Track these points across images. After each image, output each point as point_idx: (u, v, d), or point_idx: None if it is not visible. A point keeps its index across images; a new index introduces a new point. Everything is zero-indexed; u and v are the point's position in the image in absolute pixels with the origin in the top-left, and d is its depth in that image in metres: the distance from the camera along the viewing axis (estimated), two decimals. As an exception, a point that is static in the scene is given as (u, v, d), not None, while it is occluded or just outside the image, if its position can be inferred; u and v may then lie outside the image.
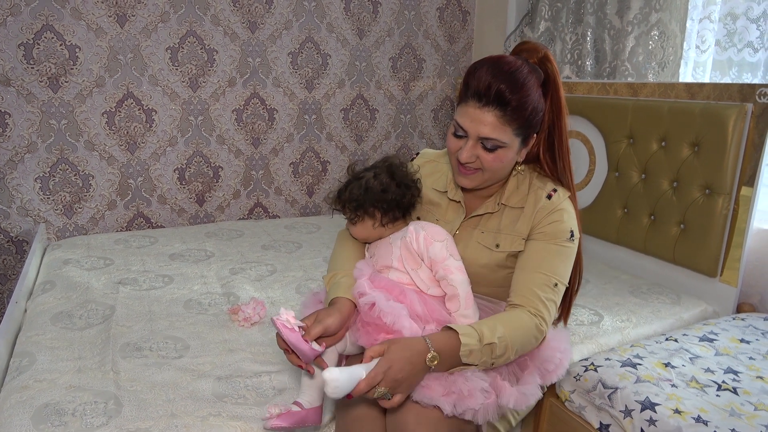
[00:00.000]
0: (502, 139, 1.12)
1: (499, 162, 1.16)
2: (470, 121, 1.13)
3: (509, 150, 1.15)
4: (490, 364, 1.08)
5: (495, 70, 1.10)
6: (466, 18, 3.06)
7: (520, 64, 1.12)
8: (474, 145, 1.14)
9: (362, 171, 1.25)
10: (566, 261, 1.19)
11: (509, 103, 1.09)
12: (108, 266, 1.97)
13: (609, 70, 2.27)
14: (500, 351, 1.07)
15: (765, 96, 1.62)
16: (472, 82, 1.12)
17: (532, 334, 1.12)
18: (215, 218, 2.69)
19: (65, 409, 1.15)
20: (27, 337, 1.46)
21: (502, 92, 1.09)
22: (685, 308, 1.77)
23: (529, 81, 1.11)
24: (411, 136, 3.07)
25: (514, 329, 1.09)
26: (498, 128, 1.11)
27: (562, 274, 1.18)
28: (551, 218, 1.19)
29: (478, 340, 1.05)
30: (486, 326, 1.08)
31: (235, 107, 2.60)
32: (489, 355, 1.06)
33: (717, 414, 1.17)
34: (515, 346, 1.09)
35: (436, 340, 1.04)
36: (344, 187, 1.23)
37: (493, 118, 1.10)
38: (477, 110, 1.11)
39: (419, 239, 1.19)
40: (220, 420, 1.15)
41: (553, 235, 1.18)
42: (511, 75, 1.10)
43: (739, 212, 1.70)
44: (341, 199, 1.23)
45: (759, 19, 1.81)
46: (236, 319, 1.58)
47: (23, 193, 2.28)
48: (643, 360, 1.36)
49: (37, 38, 2.17)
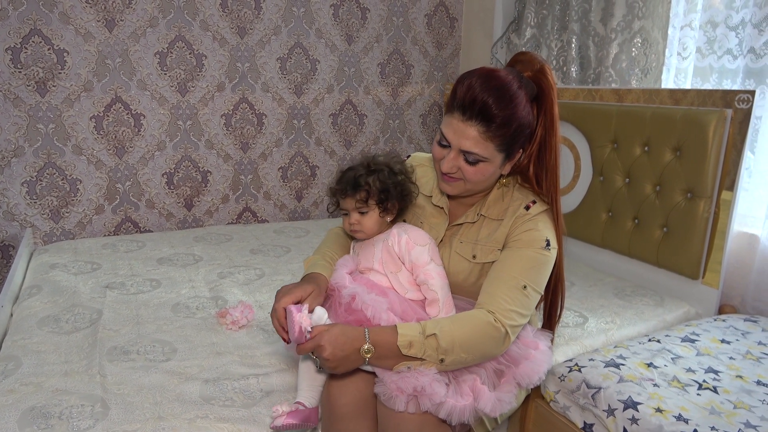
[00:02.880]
0: (483, 155, 1.12)
1: (480, 175, 1.16)
2: (453, 133, 1.13)
3: (490, 164, 1.15)
4: (440, 361, 1.06)
5: (483, 83, 1.09)
6: (454, 24, 3.09)
7: (511, 79, 1.11)
8: (456, 156, 1.15)
9: (372, 161, 1.24)
10: (540, 267, 1.16)
11: (493, 120, 1.08)
12: (95, 270, 1.96)
13: (593, 76, 2.31)
14: (446, 344, 1.05)
15: (744, 102, 1.66)
16: (460, 92, 1.11)
17: (486, 333, 1.09)
18: (204, 223, 2.69)
19: (51, 413, 1.15)
20: (13, 341, 1.45)
21: (488, 107, 1.08)
22: (668, 310, 1.80)
23: (517, 97, 1.10)
24: (399, 141, 3.09)
25: (462, 325, 1.09)
26: (480, 143, 1.11)
27: (534, 279, 1.15)
28: (526, 227, 1.18)
29: (420, 332, 1.06)
30: (431, 321, 1.10)
31: (224, 112, 2.60)
32: (434, 349, 1.06)
33: (697, 412, 1.19)
34: (465, 343, 1.07)
35: (375, 332, 1.07)
36: (362, 173, 1.21)
37: (476, 133, 1.10)
38: (460, 123, 1.11)
39: (401, 242, 1.21)
40: (208, 422, 1.15)
41: (528, 243, 1.17)
42: (498, 90, 1.08)
43: (720, 215, 1.74)
44: (360, 185, 1.19)
45: (738, 27, 1.85)
46: (224, 323, 1.58)
47: (10, 198, 2.27)
48: (626, 360, 1.39)
49: (25, 42, 2.17)
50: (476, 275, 1.24)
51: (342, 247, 1.35)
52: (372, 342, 1.05)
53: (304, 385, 1.19)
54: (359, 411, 1.13)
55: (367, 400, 1.15)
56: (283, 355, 1.42)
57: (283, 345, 1.31)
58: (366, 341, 1.05)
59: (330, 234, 1.41)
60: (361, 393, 1.14)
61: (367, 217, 1.22)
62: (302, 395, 1.18)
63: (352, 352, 1.05)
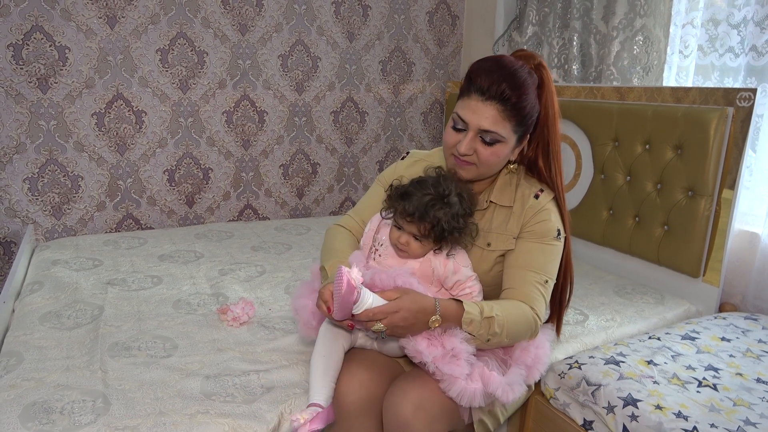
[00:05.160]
0: (502, 133, 1.17)
1: (495, 157, 1.20)
2: (472, 113, 1.17)
3: (506, 146, 1.20)
4: (486, 340, 1.13)
5: (498, 67, 1.16)
6: (455, 22, 3.09)
7: (521, 66, 1.18)
8: (473, 137, 1.18)
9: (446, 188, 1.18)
10: (554, 259, 1.25)
11: (509, 99, 1.14)
12: (97, 267, 1.97)
13: (595, 74, 2.30)
14: (497, 328, 1.12)
15: (745, 100, 1.66)
16: (476, 78, 1.17)
17: (527, 323, 1.17)
18: (205, 220, 2.69)
19: (53, 408, 1.15)
20: (15, 336, 1.45)
21: (504, 89, 1.14)
22: (669, 308, 1.80)
23: (527, 82, 1.17)
24: (401, 138, 3.09)
25: (511, 313, 1.15)
26: (499, 122, 1.16)
27: (551, 271, 1.24)
28: (538, 218, 1.24)
29: (479, 312, 1.11)
30: (486, 304, 1.14)
31: (225, 109, 2.61)
32: (486, 330, 1.11)
33: (697, 409, 1.19)
34: (511, 329, 1.14)
35: (443, 304, 1.11)
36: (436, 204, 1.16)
37: (495, 112, 1.15)
38: (479, 103, 1.16)
39: (448, 266, 1.21)
40: (208, 417, 1.15)
41: (542, 234, 1.23)
42: (512, 74, 1.15)
43: (720, 214, 1.74)
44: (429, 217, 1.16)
45: (740, 25, 1.85)
46: (225, 319, 1.58)
47: (11, 194, 2.27)
48: (626, 358, 1.39)
49: (27, 39, 2.17)
50: (490, 263, 1.27)
51: (349, 246, 1.33)
52: (441, 313, 1.09)
53: (317, 382, 1.16)
54: (365, 410, 1.14)
55: (373, 399, 1.16)
56: (283, 352, 1.43)
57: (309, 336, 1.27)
58: (436, 312, 1.09)
59: (336, 236, 1.36)
60: (368, 392, 1.16)
61: (419, 245, 1.20)
62: (316, 395, 1.15)
63: (422, 319, 1.08)
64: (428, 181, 1.20)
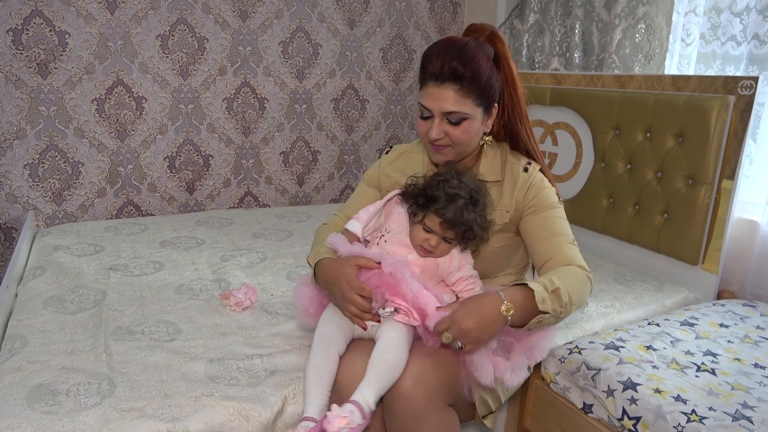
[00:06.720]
0: (465, 111, 1.19)
1: (466, 134, 1.22)
2: (432, 99, 1.19)
3: (474, 121, 1.21)
4: (559, 314, 1.12)
5: (446, 50, 1.18)
6: (457, 10, 3.08)
7: (467, 41, 1.20)
8: (440, 122, 1.21)
9: (472, 190, 1.20)
10: (566, 222, 1.28)
11: (463, 76, 1.16)
12: (98, 253, 1.97)
13: (596, 62, 2.30)
14: (565, 298, 1.11)
15: (747, 88, 1.66)
16: (428, 65, 1.19)
17: (583, 282, 1.17)
18: (205, 207, 2.69)
19: (59, 390, 1.16)
20: (18, 320, 1.46)
21: (456, 68, 1.16)
22: (668, 295, 1.81)
23: (478, 54, 1.18)
24: (401, 126, 3.09)
25: (569, 279, 1.15)
26: (458, 101, 1.18)
27: (570, 232, 1.27)
28: (535, 189, 1.27)
29: (544, 288, 1.10)
30: (544, 278, 1.13)
31: (226, 96, 2.60)
32: (557, 303, 1.10)
33: (695, 393, 1.21)
34: (574, 295, 1.13)
35: (507, 291, 1.10)
36: (467, 205, 1.17)
37: (453, 93, 1.17)
38: (436, 89, 1.18)
39: (453, 262, 1.23)
40: (213, 400, 1.17)
41: (546, 204, 1.26)
42: (460, 51, 1.17)
43: (720, 202, 1.74)
44: (463, 222, 1.17)
45: (742, 13, 1.85)
46: (228, 304, 1.59)
47: (12, 180, 2.27)
48: (625, 343, 1.40)
49: (26, 24, 2.16)
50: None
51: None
52: (509, 300, 1.08)
53: (310, 393, 1.15)
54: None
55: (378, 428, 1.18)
56: (286, 336, 1.44)
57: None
58: (503, 302, 1.08)
59: (324, 234, 1.38)
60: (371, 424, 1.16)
61: (448, 246, 1.22)
62: (310, 407, 1.13)
63: (493, 315, 1.07)
64: (451, 181, 1.19)
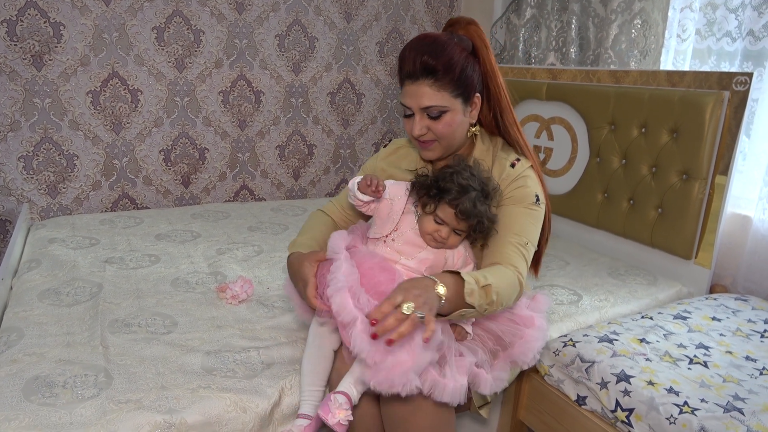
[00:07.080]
0: (442, 104, 1.20)
1: (449, 127, 1.22)
2: (410, 97, 1.21)
3: (454, 113, 1.21)
4: (484, 311, 1.11)
5: (417, 47, 1.19)
6: (453, 4, 3.07)
7: (438, 35, 1.21)
8: (421, 118, 1.22)
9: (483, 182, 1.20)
10: (534, 223, 1.25)
11: (435, 69, 1.17)
12: (94, 245, 1.97)
13: (592, 57, 2.31)
14: (493, 296, 1.10)
15: (741, 84, 1.68)
16: (402, 65, 1.21)
17: (513, 286, 1.16)
18: (201, 200, 2.69)
19: (56, 382, 1.16)
20: (14, 313, 1.46)
21: (427, 62, 1.17)
22: (661, 289, 1.83)
23: (449, 45, 1.18)
24: (397, 121, 3.09)
25: (500, 279, 1.13)
26: (435, 95, 1.18)
27: (531, 234, 1.24)
28: (516, 184, 1.26)
29: (475, 281, 1.09)
30: (478, 273, 1.12)
31: (222, 89, 2.59)
32: (484, 299, 1.09)
33: (688, 385, 1.22)
34: (502, 294, 1.12)
35: (440, 276, 1.07)
36: (479, 196, 1.17)
37: (428, 88, 1.18)
38: (412, 86, 1.20)
39: (460, 258, 1.24)
40: (210, 392, 1.17)
41: (520, 199, 1.24)
42: (430, 45, 1.18)
43: (714, 197, 1.76)
44: (475, 214, 1.16)
45: (738, 9, 1.86)
46: (224, 297, 1.60)
47: (6, 173, 2.26)
48: (619, 336, 1.42)
49: (21, 15, 2.14)
50: None
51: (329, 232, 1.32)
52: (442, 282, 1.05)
53: (305, 390, 1.19)
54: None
55: (374, 417, 1.19)
56: (283, 329, 1.44)
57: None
58: (437, 282, 1.04)
59: (315, 219, 1.40)
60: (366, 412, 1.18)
61: (459, 238, 1.22)
62: (305, 405, 1.17)
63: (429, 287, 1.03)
64: (463, 173, 1.18)
